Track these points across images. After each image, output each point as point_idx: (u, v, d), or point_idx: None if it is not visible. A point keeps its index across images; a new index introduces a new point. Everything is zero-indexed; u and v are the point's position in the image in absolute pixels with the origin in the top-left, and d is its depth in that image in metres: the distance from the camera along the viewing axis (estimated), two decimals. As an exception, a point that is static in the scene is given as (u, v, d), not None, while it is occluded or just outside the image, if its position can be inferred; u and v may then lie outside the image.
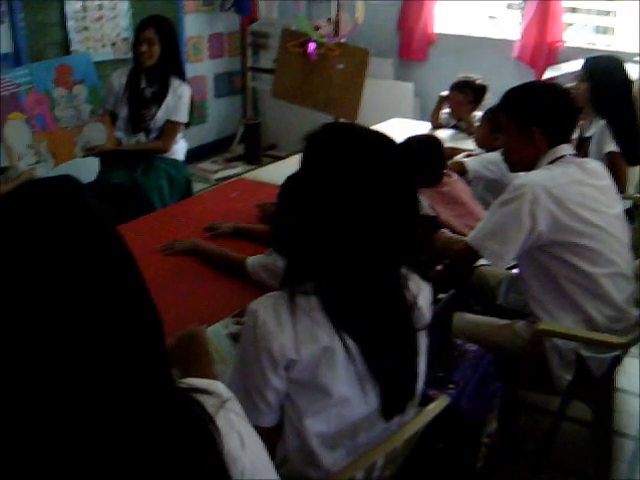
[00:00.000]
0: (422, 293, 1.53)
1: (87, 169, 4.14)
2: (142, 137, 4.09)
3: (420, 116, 5.87)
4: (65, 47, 4.82)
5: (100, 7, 4.99)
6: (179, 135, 4.24)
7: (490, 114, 3.61)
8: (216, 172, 5.77)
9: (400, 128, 4.66)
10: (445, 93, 4.52)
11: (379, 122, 5.03)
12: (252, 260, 2.31)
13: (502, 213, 2.25)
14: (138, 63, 4.00)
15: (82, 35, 4.90)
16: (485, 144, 3.66)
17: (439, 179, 3.08)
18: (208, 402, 1.02)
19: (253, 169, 6.06)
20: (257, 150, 6.27)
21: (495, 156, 3.52)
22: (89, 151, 3.92)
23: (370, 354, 1.40)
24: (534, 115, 2.30)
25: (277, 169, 3.79)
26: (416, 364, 1.51)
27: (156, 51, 3.94)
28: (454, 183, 3.14)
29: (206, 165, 5.97)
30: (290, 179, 2.23)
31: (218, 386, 1.09)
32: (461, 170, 3.41)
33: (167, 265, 2.49)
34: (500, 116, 2.42)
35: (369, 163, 1.38)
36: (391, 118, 5.06)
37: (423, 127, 4.63)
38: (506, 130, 2.40)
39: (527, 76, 5.47)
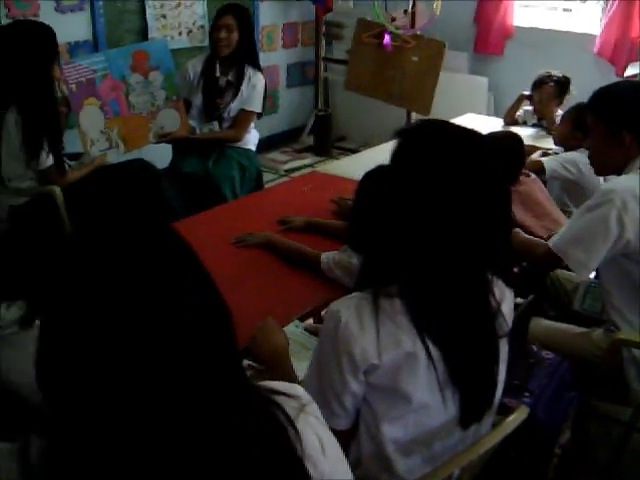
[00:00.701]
0: (506, 300, 1.48)
1: (159, 156, 4.20)
2: (215, 126, 4.11)
3: (494, 111, 5.77)
4: (143, 34, 4.88)
5: (178, -6, 5.03)
6: (251, 125, 4.25)
7: (574, 112, 3.51)
8: (285, 163, 5.77)
9: (475, 123, 4.59)
10: (527, 92, 4.41)
11: (452, 117, 4.95)
12: (326, 256, 2.28)
13: (588, 219, 2.15)
14: (215, 50, 4.01)
15: (160, 23, 4.95)
16: (564, 142, 3.56)
17: (517, 178, 3.01)
18: (288, 405, 1.01)
19: (322, 161, 6.09)
20: (327, 141, 6.25)
21: (574, 156, 3.43)
22: (162, 137, 3.96)
23: (452, 361, 1.36)
24: (625, 119, 2.19)
25: (350, 163, 3.77)
26: (496, 372, 1.47)
27: (234, 38, 3.94)
28: (531, 182, 3.06)
29: (275, 155, 5.97)
30: (369, 175, 2.20)
31: (297, 389, 1.08)
32: (539, 169, 3.33)
33: (240, 259, 2.47)
34: (588, 117, 2.32)
35: (465, 162, 1.34)
36: (464, 113, 4.97)
37: (498, 124, 4.53)
38: (594, 132, 2.30)
39: (607, 73, 5.31)
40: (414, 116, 5.75)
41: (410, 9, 5.48)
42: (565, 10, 5.91)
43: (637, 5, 5.16)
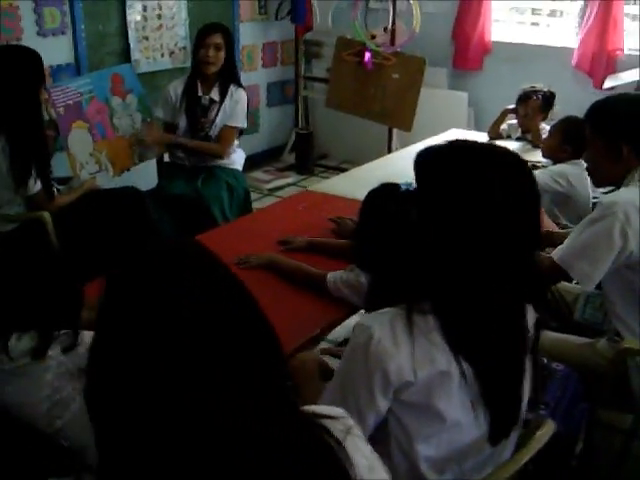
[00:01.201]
0: (529, 315, 1.49)
1: (144, 178, 4.19)
2: (200, 146, 4.12)
3: (474, 126, 5.82)
4: (125, 57, 4.86)
5: (160, 17, 5.02)
6: (236, 144, 4.25)
7: (562, 124, 3.54)
8: (269, 182, 5.76)
9: (456, 138, 4.61)
10: (511, 106, 4.45)
11: (434, 132, 4.98)
12: (333, 276, 2.27)
13: (592, 232, 2.17)
14: (200, 69, 4.01)
15: (142, 45, 4.93)
16: (553, 155, 3.60)
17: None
18: (335, 427, 1.00)
19: (305, 179, 6.10)
20: (309, 160, 6.26)
21: (563, 168, 3.47)
22: (141, 143, 3.97)
23: (485, 379, 1.36)
24: (623, 132, 2.22)
25: (340, 181, 3.77)
26: (522, 388, 1.47)
27: (221, 57, 3.97)
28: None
29: (258, 174, 5.96)
30: (374, 194, 2.20)
31: (338, 411, 1.07)
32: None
33: (244, 280, 2.45)
34: (586, 131, 2.35)
35: (500, 183, 1.34)
36: (444, 128, 5.01)
37: (481, 138, 4.56)
38: (592, 145, 2.33)
39: (586, 85, 5.39)
40: (395, 133, 5.79)
41: (390, 26, 5.52)
42: (533, 24, 6.00)
43: (613, 18, 5.25)
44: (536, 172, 3.42)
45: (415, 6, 5.36)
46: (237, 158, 4.28)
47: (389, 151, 5.84)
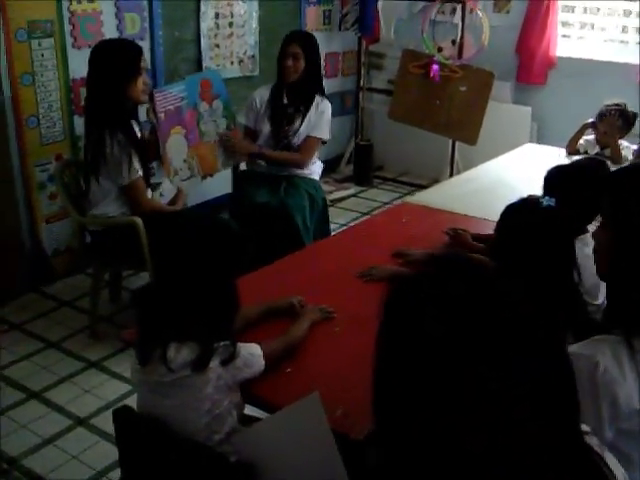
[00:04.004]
0: None
1: (218, 183, 4.19)
2: (283, 154, 4.09)
3: (536, 141, 5.76)
4: (198, 64, 4.84)
5: (231, 24, 5.00)
6: (316, 154, 4.22)
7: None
8: (330, 193, 5.71)
9: (534, 154, 4.57)
10: (590, 120, 4.39)
11: (496, 146, 4.95)
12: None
13: None
14: (282, 78, 4.00)
15: (213, 52, 4.92)
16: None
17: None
18: (592, 442, 0.98)
19: (364, 190, 6.06)
20: (368, 171, 6.22)
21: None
22: (227, 142, 3.95)
23: None
24: None
25: (435, 194, 3.71)
26: None
27: (301, 66, 3.94)
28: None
29: (319, 186, 5.92)
30: (515, 209, 2.14)
31: (585, 427, 1.04)
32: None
33: (368, 294, 2.40)
34: None
35: None
36: (507, 142, 4.98)
37: (558, 153, 4.50)
38: None
39: (653, 103, 5.33)
40: (458, 146, 5.75)
41: (458, 39, 5.49)
42: (606, 41, 5.93)
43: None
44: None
45: (484, 19, 5.33)
46: (316, 168, 4.26)
47: (451, 164, 5.80)
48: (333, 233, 4.48)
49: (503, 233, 2.14)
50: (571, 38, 5.92)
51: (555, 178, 2.50)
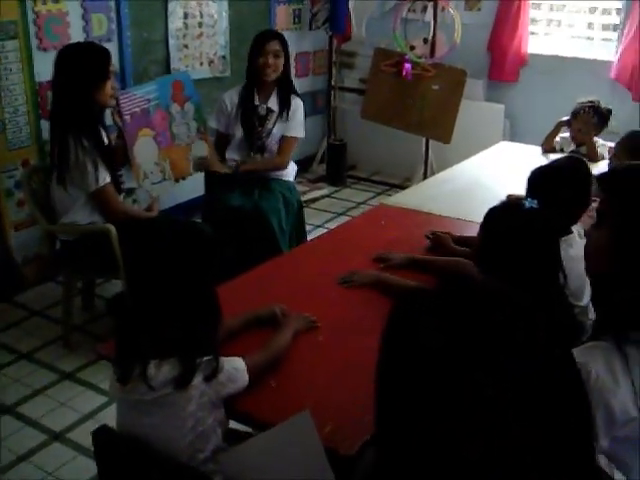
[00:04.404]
0: None
1: (190, 186, 4.12)
2: (257, 157, 4.02)
3: (510, 138, 5.76)
4: (166, 65, 4.75)
5: (200, 25, 4.92)
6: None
7: (628, 141, 3.47)
8: (304, 193, 5.64)
9: (510, 151, 4.56)
10: (565, 118, 4.39)
11: (469, 144, 4.94)
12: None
13: None
14: (258, 77, 3.92)
15: (182, 53, 4.83)
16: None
17: (590, 202, 2.96)
18: (602, 463, 1.05)
19: (338, 191, 6.01)
20: (341, 171, 6.17)
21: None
22: (201, 167, 3.89)
23: None
24: None
25: (411, 195, 3.66)
26: None
27: (281, 64, 3.89)
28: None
29: (291, 186, 5.86)
30: (499, 212, 2.11)
31: None
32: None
33: (351, 300, 2.35)
34: None
35: None
36: (480, 140, 4.98)
37: (533, 151, 4.50)
38: None
39: (624, 98, 5.35)
40: (431, 144, 5.72)
41: (430, 38, 5.46)
42: (572, 37, 5.95)
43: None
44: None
45: (456, 17, 5.31)
46: (290, 170, 4.20)
47: (426, 163, 5.78)
48: (309, 235, 4.43)
49: (487, 237, 2.10)
50: (538, 35, 5.93)
51: (537, 179, 2.47)
